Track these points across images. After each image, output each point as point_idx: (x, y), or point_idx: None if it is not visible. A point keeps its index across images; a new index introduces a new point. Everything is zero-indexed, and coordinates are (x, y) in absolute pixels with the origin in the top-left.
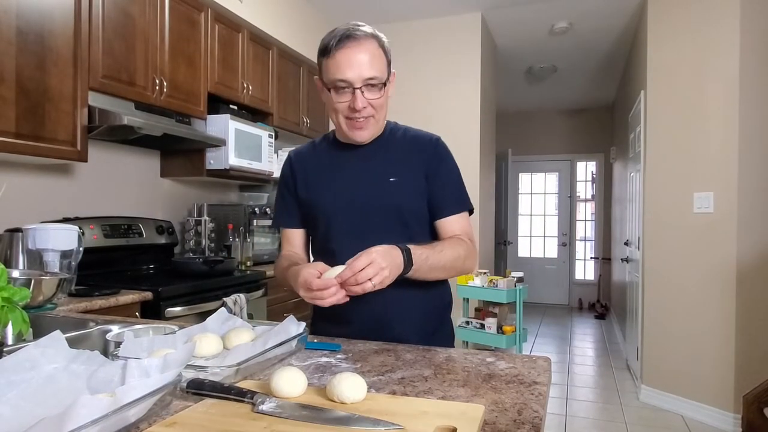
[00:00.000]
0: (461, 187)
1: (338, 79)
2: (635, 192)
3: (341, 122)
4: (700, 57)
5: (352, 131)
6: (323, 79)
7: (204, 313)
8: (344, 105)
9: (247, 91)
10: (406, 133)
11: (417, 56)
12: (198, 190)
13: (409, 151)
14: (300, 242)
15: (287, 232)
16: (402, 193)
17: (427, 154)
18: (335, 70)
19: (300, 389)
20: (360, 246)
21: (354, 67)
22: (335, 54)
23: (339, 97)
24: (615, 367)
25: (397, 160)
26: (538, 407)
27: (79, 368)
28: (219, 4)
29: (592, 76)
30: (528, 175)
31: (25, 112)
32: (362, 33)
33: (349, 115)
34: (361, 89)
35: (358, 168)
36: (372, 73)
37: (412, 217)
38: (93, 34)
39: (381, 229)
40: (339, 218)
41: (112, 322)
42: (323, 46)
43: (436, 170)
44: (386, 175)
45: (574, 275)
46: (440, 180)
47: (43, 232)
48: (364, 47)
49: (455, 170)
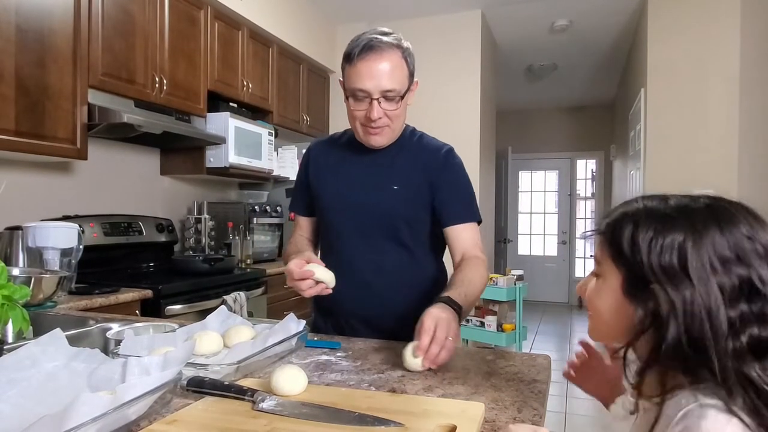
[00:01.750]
0: (470, 198)
1: (357, 89)
2: (635, 190)
3: (357, 128)
4: (700, 55)
5: (367, 137)
6: (344, 85)
7: (204, 311)
8: (361, 113)
9: (246, 89)
10: (420, 141)
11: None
12: (198, 188)
13: (419, 159)
14: (310, 229)
15: (299, 218)
16: (402, 202)
17: (436, 163)
18: (355, 78)
19: (300, 387)
20: (359, 245)
21: (373, 78)
22: (356, 63)
23: (357, 105)
24: None
25: (405, 168)
26: (537, 405)
27: (79, 366)
28: (219, 2)
29: (592, 74)
30: (528, 173)
31: (25, 110)
32: (386, 43)
33: (365, 123)
34: (378, 100)
35: (366, 171)
36: (391, 86)
37: (409, 225)
38: (93, 32)
39: (373, 232)
40: (340, 215)
41: (112, 320)
42: (347, 53)
43: (443, 179)
44: (391, 183)
45: (574, 273)
46: (447, 189)
47: (43, 230)
48: (385, 58)
49: (464, 180)
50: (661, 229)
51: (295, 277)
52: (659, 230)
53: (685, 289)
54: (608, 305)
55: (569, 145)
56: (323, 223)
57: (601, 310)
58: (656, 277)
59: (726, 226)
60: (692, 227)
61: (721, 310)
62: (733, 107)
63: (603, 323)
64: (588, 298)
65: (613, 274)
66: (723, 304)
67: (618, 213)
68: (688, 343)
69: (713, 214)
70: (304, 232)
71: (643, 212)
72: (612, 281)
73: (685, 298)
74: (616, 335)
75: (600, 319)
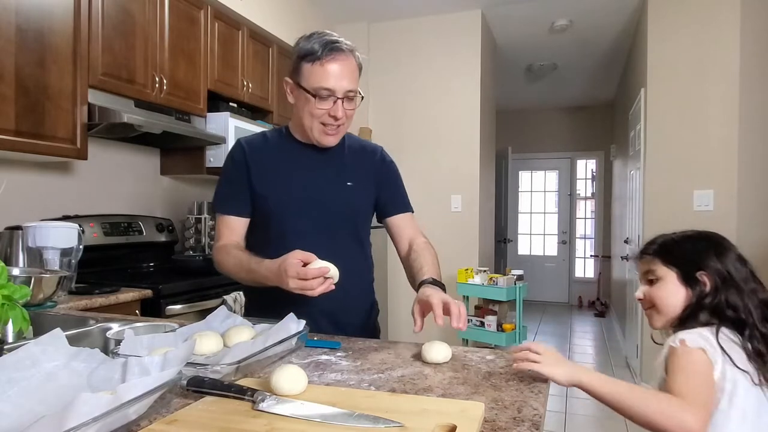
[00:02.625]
0: (405, 191)
1: (324, 87)
2: (635, 190)
3: (314, 127)
4: (700, 54)
5: (323, 136)
6: (302, 83)
7: (204, 311)
8: (323, 112)
9: (247, 88)
10: (356, 140)
11: (416, 54)
12: (198, 188)
13: (362, 157)
14: (242, 232)
15: (231, 220)
16: (357, 196)
17: (376, 161)
18: (322, 78)
19: (300, 387)
20: (314, 243)
21: (340, 78)
22: (324, 63)
23: (320, 103)
24: (615, 365)
25: (352, 166)
26: (537, 405)
27: (79, 366)
28: (219, 2)
29: (592, 74)
30: (528, 173)
31: (25, 110)
32: (347, 47)
33: (327, 121)
34: (342, 100)
35: (318, 170)
36: (352, 86)
37: (362, 219)
38: (93, 32)
39: (334, 229)
40: (295, 216)
41: (112, 320)
42: (307, 51)
43: (386, 176)
44: (344, 180)
45: (574, 273)
46: (388, 184)
47: (43, 230)
48: (349, 60)
49: (399, 176)
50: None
51: (309, 277)
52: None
53: (723, 270)
54: (671, 294)
55: (569, 145)
56: (270, 225)
57: (666, 301)
58: (700, 266)
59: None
60: (708, 238)
61: (749, 282)
62: (733, 107)
63: (668, 310)
64: (652, 297)
65: (669, 273)
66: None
67: (660, 239)
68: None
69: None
70: (235, 235)
71: (677, 235)
72: (669, 278)
73: (725, 276)
74: (674, 317)
75: (666, 308)
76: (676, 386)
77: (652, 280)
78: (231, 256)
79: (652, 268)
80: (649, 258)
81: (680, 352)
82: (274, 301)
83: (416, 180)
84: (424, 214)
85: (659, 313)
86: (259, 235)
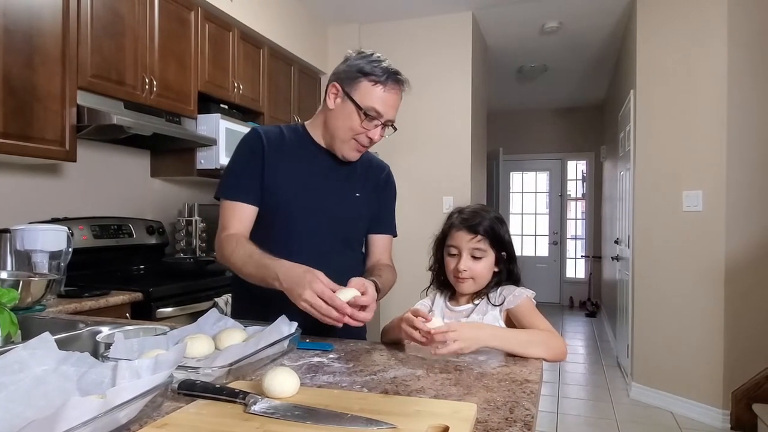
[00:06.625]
0: (394, 214)
1: (376, 109)
2: (625, 190)
3: (346, 139)
4: (688, 57)
5: (351, 152)
6: (355, 96)
7: (195, 314)
8: (363, 131)
9: (237, 90)
10: (365, 155)
11: (407, 55)
12: (188, 190)
13: (370, 172)
14: (250, 223)
15: (239, 207)
16: (362, 207)
17: (382, 179)
18: (378, 101)
19: (292, 389)
20: (316, 245)
21: (392, 107)
22: (386, 88)
23: (367, 123)
24: (606, 364)
25: (360, 178)
26: (529, 405)
27: (69, 370)
28: (209, 3)
29: (583, 76)
30: (519, 174)
31: (13, 112)
32: (403, 80)
33: (362, 141)
34: (384, 126)
35: (331, 177)
36: (394, 117)
37: (362, 228)
38: (82, 33)
39: (338, 234)
40: (302, 217)
41: (102, 323)
42: (371, 71)
43: (385, 196)
44: (353, 189)
45: (565, 274)
46: (385, 203)
47: (32, 233)
48: (401, 94)
49: (395, 199)
50: (501, 223)
51: (347, 312)
52: (500, 224)
53: (511, 246)
54: (489, 268)
55: (560, 147)
56: (274, 223)
57: (485, 272)
58: (504, 247)
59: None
60: (503, 221)
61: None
62: (721, 108)
63: (483, 281)
64: (474, 270)
65: (490, 252)
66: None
67: (486, 221)
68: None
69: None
70: (243, 226)
71: (491, 216)
72: (490, 255)
73: (511, 253)
74: (484, 283)
75: (483, 279)
76: (542, 324)
77: (478, 257)
78: (242, 247)
79: (482, 247)
80: (480, 237)
81: (531, 302)
82: (264, 306)
83: (408, 182)
84: (415, 216)
85: (475, 283)
86: (261, 231)
